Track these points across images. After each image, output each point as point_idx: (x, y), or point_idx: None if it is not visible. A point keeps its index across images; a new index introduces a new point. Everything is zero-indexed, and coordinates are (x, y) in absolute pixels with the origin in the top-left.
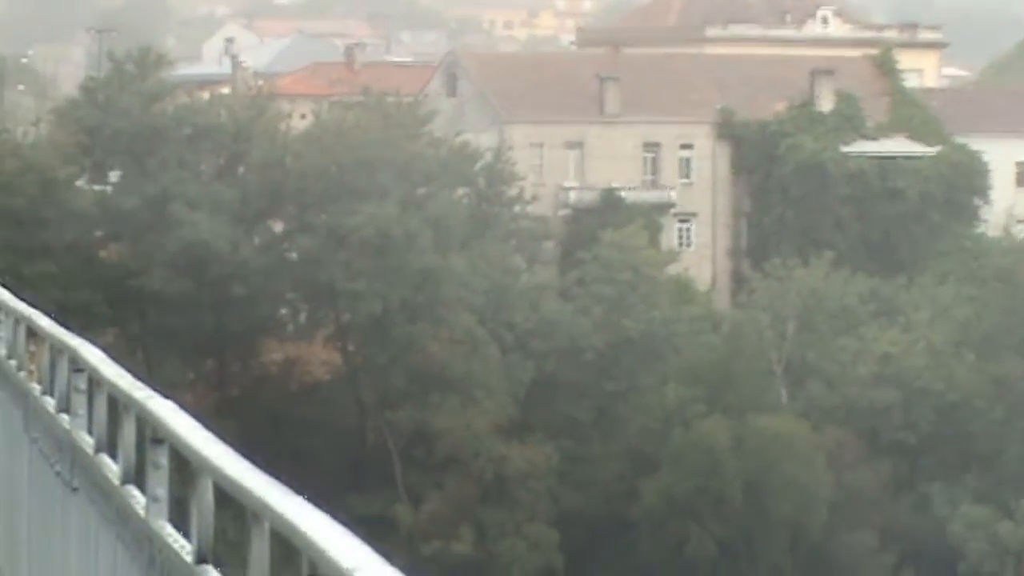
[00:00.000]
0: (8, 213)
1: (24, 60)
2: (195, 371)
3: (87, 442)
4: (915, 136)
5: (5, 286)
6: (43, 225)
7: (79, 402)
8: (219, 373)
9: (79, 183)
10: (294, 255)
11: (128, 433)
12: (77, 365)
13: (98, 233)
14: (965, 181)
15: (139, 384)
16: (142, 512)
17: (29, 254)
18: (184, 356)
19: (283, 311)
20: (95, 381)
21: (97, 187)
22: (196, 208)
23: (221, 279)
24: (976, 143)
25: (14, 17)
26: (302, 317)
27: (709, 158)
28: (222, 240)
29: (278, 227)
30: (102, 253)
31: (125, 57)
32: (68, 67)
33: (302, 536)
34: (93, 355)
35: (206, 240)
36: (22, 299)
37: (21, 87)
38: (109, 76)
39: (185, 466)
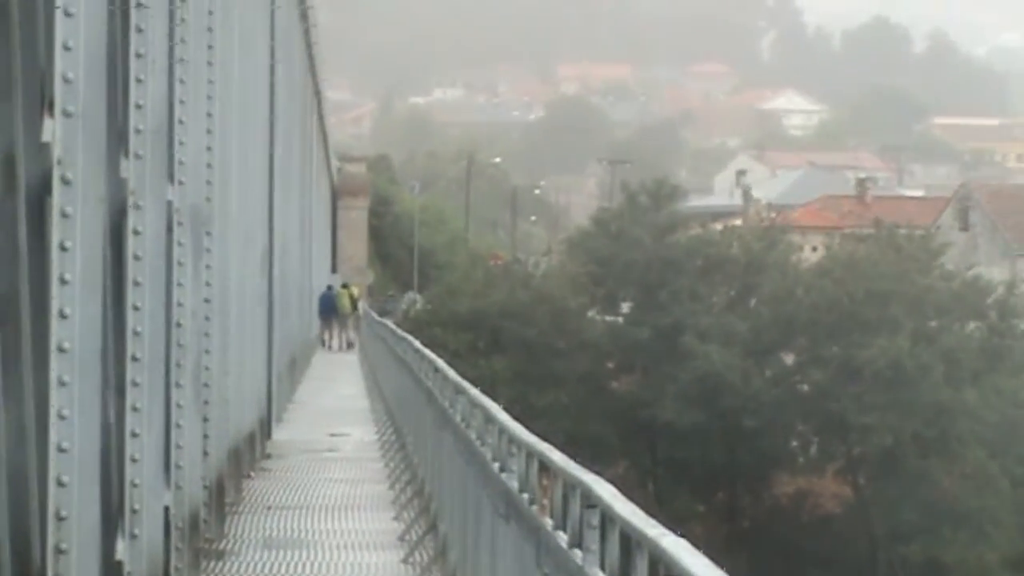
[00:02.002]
0: (520, 343)
1: (536, 191)
2: (705, 503)
3: None
4: None
5: (516, 417)
6: (555, 355)
7: (591, 538)
8: (730, 505)
9: (590, 313)
10: (805, 387)
11: (640, 570)
12: (590, 501)
13: (609, 364)
14: None
15: (652, 522)
16: None
17: (540, 384)
18: (694, 488)
19: (794, 444)
20: (608, 517)
21: (608, 318)
22: (708, 340)
23: (732, 411)
24: None
25: (528, 149)
26: (813, 450)
27: None
28: (734, 372)
29: (789, 359)
30: (613, 384)
31: (639, 188)
32: (579, 198)
33: None
34: (606, 491)
35: (718, 372)
36: (532, 429)
37: (533, 218)
38: (622, 207)
39: None
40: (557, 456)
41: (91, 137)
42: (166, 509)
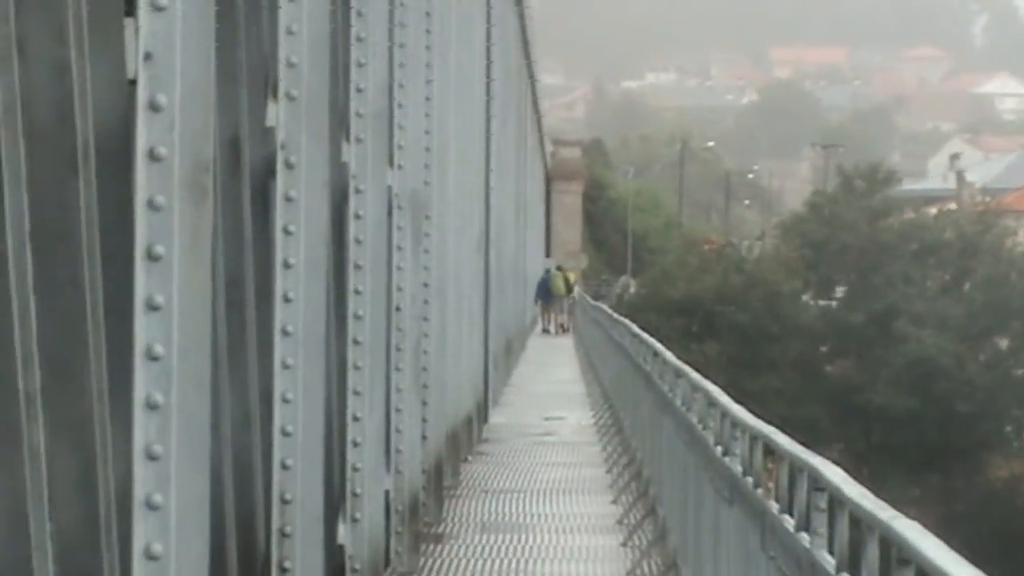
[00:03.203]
0: (734, 327)
1: (750, 175)
2: (920, 487)
3: (828, 561)
4: None
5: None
6: (768, 339)
7: (819, 521)
8: (944, 489)
9: (804, 298)
10: (1020, 372)
11: (871, 554)
12: (818, 484)
13: (823, 348)
14: None
15: (883, 504)
16: None
17: (754, 368)
18: (908, 472)
19: (1008, 428)
20: (836, 500)
21: (822, 302)
22: (922, 324)
23: (946, 395)
24: None
25: (742, 133)
26: None
27: None
28: (947, 357)
29: (1004, 344)
30: (827, 368)
31: (854, 172)
32: (793, 182)
33: None
34: (835, 474)
35: (932, 356)
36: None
37: (747, 202)
38: (836, 191)
39: None
40: (783, 439)
41: (314, 121)
42: (387, 493)
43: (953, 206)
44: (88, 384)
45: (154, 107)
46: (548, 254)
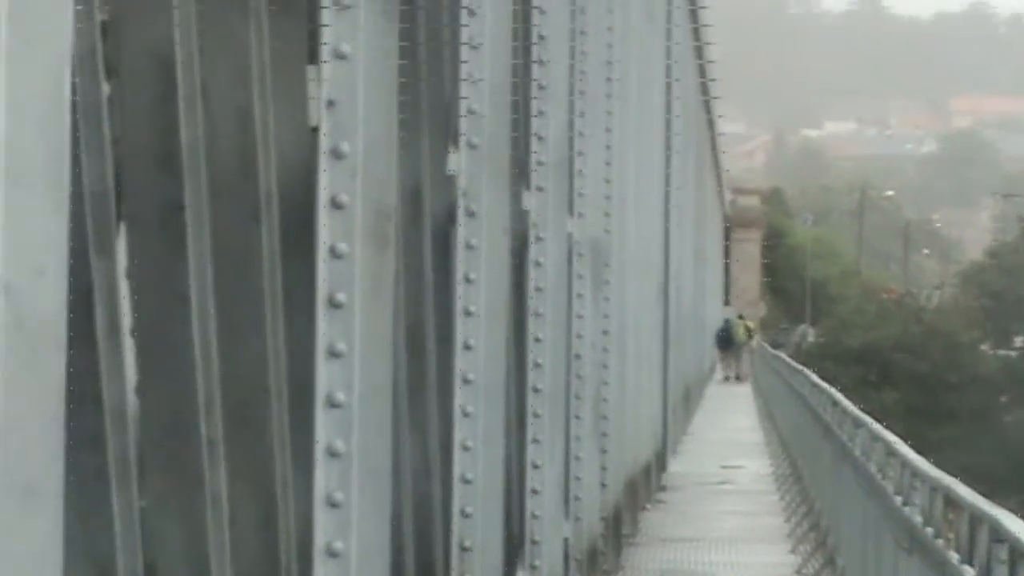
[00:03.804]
0: (912, 376)
1: (937, 224)
2: None
3: None
4: None
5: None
6: (947, 389)
7: (1000, 573)
8: None
9: (983, 347)
10: None
11: None
12: (999, 535)
13: (1002, 398)
14: None
15: None
16: None
17: (932, 418)
18: None
19: None
20: (1018, 552)
21: (1001, 352)
22: None
23: None
24: None
25: (922, 182)
26: None
27: None
28: None
29: None
30: (1007, 418)
31: None
32: (973, 231)
33: None
34: (1016, 526)
35: None
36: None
37: (926, 251)
38: (1016, 241)
39: None
40: (963, 490)
41: (495, 169)
42: (565, 541)
43: None
44: (269, 431)
45: (337, 155)
46: (727, 302)
